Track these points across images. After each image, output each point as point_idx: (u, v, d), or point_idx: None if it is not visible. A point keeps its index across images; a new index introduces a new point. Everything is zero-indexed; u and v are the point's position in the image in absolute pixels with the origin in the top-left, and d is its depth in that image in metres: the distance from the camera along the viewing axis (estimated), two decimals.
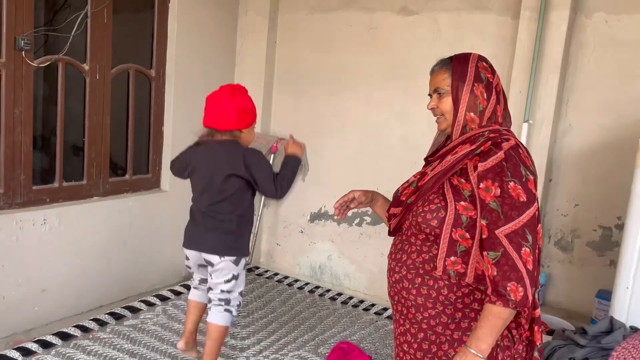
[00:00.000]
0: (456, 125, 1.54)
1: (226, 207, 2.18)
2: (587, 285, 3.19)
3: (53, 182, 3.16)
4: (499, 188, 1.42)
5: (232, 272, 2.21)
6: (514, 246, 1.38)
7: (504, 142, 1.47)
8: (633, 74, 3.03)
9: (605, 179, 3.16)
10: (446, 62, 1.59)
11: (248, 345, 2.58)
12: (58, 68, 3.07)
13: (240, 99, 2.18)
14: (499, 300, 1.38)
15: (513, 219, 1.40)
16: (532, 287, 1.39)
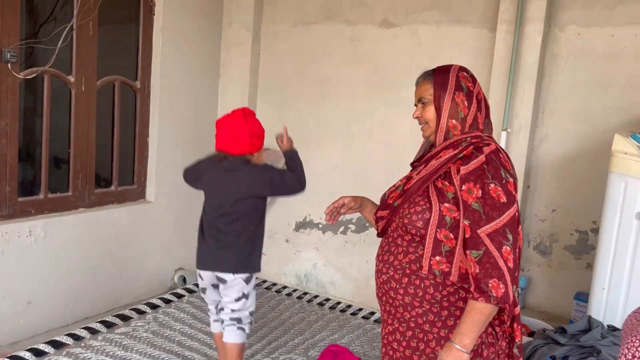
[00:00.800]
0: (439, 131, 1.63)
1: (241, 226, 2.26)
2: (565, 288, 3.29)
3: (38, 193, 3.16)
4: (481, 189, 1.49)
5: (243, 291, 2.25)
6: (495, 245, 1.46)
7: (485, 147, 1.55)
8: (605, 84, 3.16)
9: (580, 185, 3.27)
10: (429, 73, 1.70)
11: None
12: (44, 80, 3.09)
13: (252, 125, 2.29)
14: (481, 296, 1.44)
15: (494, 219, 1.47)
16: (512, 284, 1.46)
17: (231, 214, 2.24)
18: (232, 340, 2.25)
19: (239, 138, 2.24)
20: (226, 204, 2.25)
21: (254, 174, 2.27)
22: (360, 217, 3.89)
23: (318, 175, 4.02)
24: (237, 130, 2.24)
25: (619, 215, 2.48)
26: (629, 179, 2.45)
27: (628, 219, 2.46)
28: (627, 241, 2.46)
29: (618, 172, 2.48)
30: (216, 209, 2.28)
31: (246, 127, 2.26)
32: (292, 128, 4.10)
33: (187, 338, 2.66)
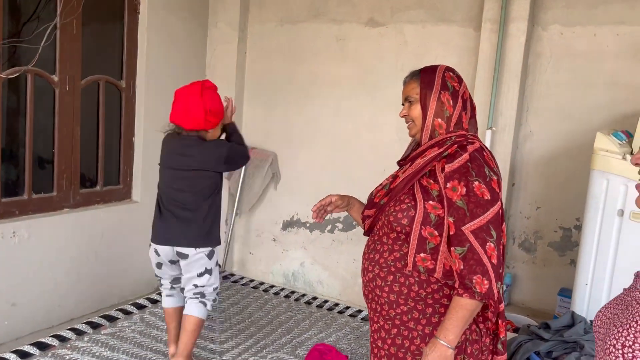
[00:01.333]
0: (425, 130, 1.65)
1: (197, 201, 2.26)
2: (549, 284, 3.33)
3: (22, 194, 3.13)
4: (465, 187, 1.52)
5: (205, 266, 2.25)
6: (479, 242, 1.48)
7: (469, 145, 1.58)
8: (587, 83, 3.20)
9: (564, 183, 3.31)
10: (416, 73, 1.72)
11: (227, 349, 2.62)
12: (27, 79, 3.06)
13: (208, 100, 2.22)
14: (465, 292, 1.46)
15: (478, 216, 1.49)
16: (496, 281, 1.48)
17: (187, 190, 2.25)
18: (193, 313, 2.24)
19: (193, 112, 2.20)
20: (181, 179, 2.25)
21: (208, 150, 2.25)
22: (347, 215, 3.91)
23: (305, 174, 4.03)
24: (191, 104, 2.20)
25: (601, 212, 2.52)
26: (610, 176, 2.48)
27: (610, 215, 2.50)
28: (609, 237, 2.50)
29: (600, 169, 2.52)
30: (172, 184, 2.29)
31: (201, 101, 2.19)
32: (279, 126, 4.13)
33: None
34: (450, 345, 1.47)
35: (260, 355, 2.57)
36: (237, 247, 4.36)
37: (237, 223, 4.25)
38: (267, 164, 4.07)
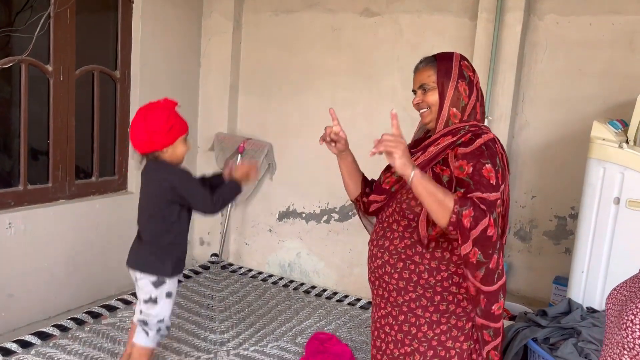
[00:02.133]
0: (440, 119, 1.66)
1: (152, 226, 2.17)
2: (544, 273, 3.36)
3: (17, 185, 3.10)
4: (472, 167, 1.53)
5: (150, 294, 2.14)
6: (484, 207, 1.48)
7: (483, 134, 1.59)
8: (582, 72, 3.22)
9: (559, 172, 3.34)
10: (430, 60, 1.70)
11: (228, 338, 2.63)
12: (21, 69, 3.02)
13: (151, 121, 2.09)
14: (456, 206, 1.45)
15: (482, 192, 1.50)
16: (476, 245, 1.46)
17: (144, 213, 2.19)
18: (137, 340, 2.17)
19: (137, 136, 2.11)
20: (141, 201, 2.21)
21: (158, 175, 2.12)
22: (343, 205, 3.92)
23: (300, 165, 4.03)
24: (134, 129, 2.12)
25: (598, 201, 2.54)
26: (607, 164, 2.51)
27: (606, 203, 2.52)
28: (605, 225, 2.53)
29: (596, 158, 2.54)
30: (139, 204, 2.26)
31: (144, 124, 2.09)
32: (274, 117, 4.12)
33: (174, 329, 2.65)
34: (413, 173, 1.46)
35: (261, 345, 2.58)
36: (233, 238, 4.36)
37: (232, 214, 4.25)
38: (262, 154, 4.06)
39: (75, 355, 2.34)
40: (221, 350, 2.48)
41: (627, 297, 1.14)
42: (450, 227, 1.47)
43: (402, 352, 1.66)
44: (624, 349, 1.07)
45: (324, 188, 3.95)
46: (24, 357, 2.26)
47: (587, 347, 2.25)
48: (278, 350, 2.54)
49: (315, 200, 4.03)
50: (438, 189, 1.48)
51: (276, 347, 2.57)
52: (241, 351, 2.52)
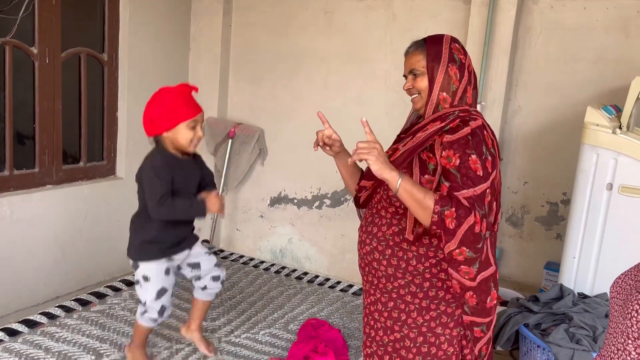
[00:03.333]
0: (429, 104, 1.62)
1: (139, 209, 2.18)
2: (536, 258, 3.37)
3: (3, 170, 3.04)
4: (459, 159, 1.50)
5: (135, 275, 2.20)
6: (470, 207, 1.47)
7: (472, 121, 1.55)
8: (576, 57, 3.20)
9: (552, 158, 3.33)
10: (420, 44, 1.65)
11: (219, 325, 2.60)
12: (5, 51, 2.95)
13: (156, 104, 2.07)
14: (438, 204, 1.45)
15: (469, 187, 1.48)
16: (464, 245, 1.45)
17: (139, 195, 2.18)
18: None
19: (143, 117, 2.10)
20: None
21: (143, 161, 2.10)
22: (335, 191, 3.90)
23: (292, 150, 3.99)
24: (144, 109, 2.11)
25: (590, 186, 2.53)
26: (600, 150, 2.49)
27: (599, 189, 2.51)
28: (597, 211, 2.52)
29: (590, 143, 2.53)
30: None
31: (149, 105, 2.08)
32: (266, 101, 4.07)
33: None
34: (396, 177, 1.46)
35: (253, 332, 2.56)
36: (224, 224, 4.33)
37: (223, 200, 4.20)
38: (253, 140, 4.02)
39: (64, 342, 2.30)
40: (213, 338, 2.45)
41: (632, 287, 1.13)
42: (434, 227, 1.47)
43: (392, 338, 1.65)
44: (628, 338, 1.07)
45: (315, 174, 3.92)
46: (12, 345, 2.22)
47: (579, 332, 2.25)
48: (270, 338, 2.52)
49: (307, 186, 4.01)
50: (418, 189, 1.47)
51: (268, 334, 2.55)
52: (233, 338, 2.50)
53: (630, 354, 1.07)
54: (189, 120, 2.03)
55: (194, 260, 2.28)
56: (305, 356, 2.28)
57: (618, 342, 1.10)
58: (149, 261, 2.16)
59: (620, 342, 1.09)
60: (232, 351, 2.38)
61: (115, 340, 2.37)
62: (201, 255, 2.30)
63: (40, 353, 2.20)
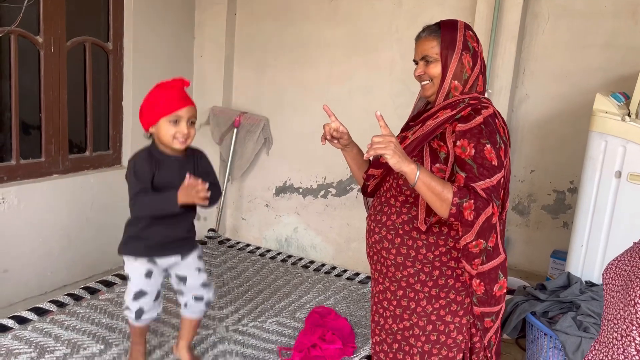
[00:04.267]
0: (441, 91, 1.60)
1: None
2: (542, 247, 3.36)
3: (10, 159, 3.05)
4: (474, 149, 1.48)
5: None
6: (487, 198, 1.46)
7: (483, 109, 1.54)
8: (585, 44, 3.16)
9: (559, 146, 3.31)
10: (434, 29, 1.63)
11: (226, 314, 2.62)
12: (10, 41, 2.94)
13: (144, 99, 2.07)
14: (457, 197, 1.43)
15: (485, 178, 1.47)
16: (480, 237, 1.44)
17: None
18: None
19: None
20: None
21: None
22: (340, 180, 3.89)
23: (297, 139, 3.98)
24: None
25: (599, 174, 2.51)
26: (608, 137, 2.47)
27: (607, 177, 2.50)
28: (605, 199, 2.51)
29: (598, 131, 2.50)
30: None
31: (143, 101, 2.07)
32: (271, 90, 4.05)
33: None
34: (414, 169, 1.43)
35: (260, 320, 2.57)
36: (229, 213, 4.33)
37: (229, 189, 4.21)
38: (258, 129, 4.01)
39: (74, 330, 2.32)
40: (220, 326, 2.47)
41: (629, 272, 1.11)
42: (452, 219, 1.46)
43: (401, 326, 1.65)
44: (632, 324, 1.06)
45: (321, 163, 3.91)
46: (22, 333, 2.24)
47: (586, 320, 2.25)
48: (277, 326, 2.54)
49: (312, 175, 4.00)
50: (436, 181, 1.45)
51: (275, 322, 2.57)
52: (240, 327, 2.51)
53: (634, 339, 1.06)
54: (169, 115, 1.96)
55: (182, 272, 2.17)
56: (313, 344, 2.28)
57: (620, 328, 1.09)
58: (129, 257, 2.11)
59: (622, 328, 1.09)
60: (240, 340, 2.39)
61: (124, 329, 2.38)
62: (191, 269, 2.18)
63: (50, 341, 2.22)
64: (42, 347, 2.18)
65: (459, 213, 1.43)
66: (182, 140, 1.99)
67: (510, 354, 2.88)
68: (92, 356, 2.19)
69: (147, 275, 2.11)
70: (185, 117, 1.99)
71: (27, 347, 2.17)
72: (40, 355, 2.14)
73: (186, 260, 2.15)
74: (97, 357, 2.19)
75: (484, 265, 1.51)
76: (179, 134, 1.98)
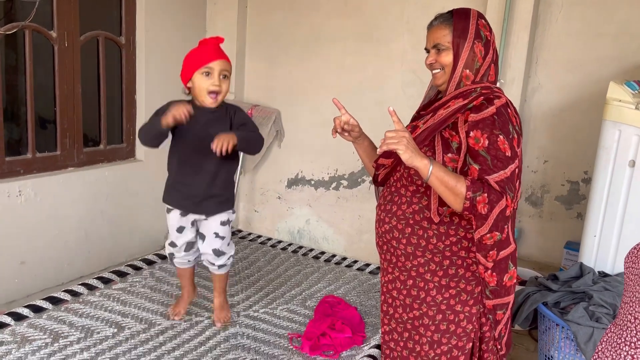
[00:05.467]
0: (452, 80, 1.59)
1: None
2: (556, 238, 3.34)
3: (26, 153, 3.10)
4: (487, 140, 1.48)
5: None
6: (501, 190, 1.45)
7: (495, 99, 1.53)
8: (598, 32, 3.12)
9: (572, 136, 3.28)
10: (446, 17, 1.62)
11: (238, 301, 2.65)
12: (25, 36, 2.98)
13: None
14: (471, 191, 1.44)
15: (500, 170, 1.46)
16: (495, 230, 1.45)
17: None
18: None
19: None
20: None
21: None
22: (352, 172, 3.89)
23: (309, 131, 3.98)
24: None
25: (612, 163, 2.49)
26: (622, 126, 2.45)
27: (621, 166, 2.47)
28: (619, 189, 2.48)
29: (612, 120, 2.48)
30: None
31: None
32: (282, 82, 4.06)
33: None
34: (424, 164, 1.45)
35: (271, 307, 2.61)
36: (242, 205, 4.36)
37: (241, 181, 4.24)
38: (270, 121, 4.02)
39: (87, 317, 2.37)
40: (232, 312, 2.50)
41: None
42: (466, 212, 1.46)
43: (411, 316, 1.66)
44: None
45: (332, 155, 3.91)
46: (36, 321, 2.29)
47: (598, 310, 2.23)
48: (288, 313, 2.57)
49: (324, 167, 4.01)
50: (449, 176, 1.46)
51: (286, 309, 2.60)
52: (251, 312, 2.55)
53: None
54: (202, 67, 2.02)
55: (203, 231, 2.28)
56: (323, 333, 2.30)
57: (635, 311, 1.09)
58: (167, 205, 2.25)
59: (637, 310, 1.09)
60: (251, 324, 2.43)
61: (136, 314, 2.42)
62: (209, 231, 2.26)
63: (64, 328, 2.27)
64: (56, 333, 2.23)
65: (472, 207, 1.43)
66: (214, 96, 2.06)
67: (522, 345, 2.87)
68: (106, 338, 2.25)
69: (178, 230, 2.25)
70: (217, 70, 2.04)
71: (42, 334, 2.22)
72: (54, 340, 2.18)
73: (209, 220, 2.24)
74: (110, 339, 2.25)
75: (498, 256, 1.51)
76: (212, 86, 2.04)
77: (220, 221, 2.26)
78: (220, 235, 2.27)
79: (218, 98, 2.08)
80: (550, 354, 2.41)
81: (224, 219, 2.27)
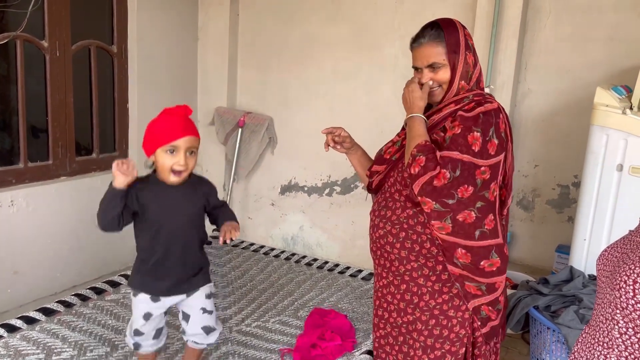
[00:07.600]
0: (450, 93, 1.63)
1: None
2: (547, 241, 3.36)
3: (18, 163, 3.10)
4: (460, 129, 1.52)
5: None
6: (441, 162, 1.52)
7: (487, 104, 1.57)
8: (586, 38, 3.16)
9: (562, 140, 3.31)
10: (434, 34, 1.61)
11: (230, 315, 2.64)
12: (16, 46, 2.99)
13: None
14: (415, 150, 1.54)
15: (452, 150, 1.51)
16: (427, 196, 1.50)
17: None
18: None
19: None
20: None
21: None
22: (345, 178, 3.91)
23: (302, 137, 4.00)
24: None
25: (600, 168, 2.52)
26: (610, 131, 2.48)
27: (609, 170, 2.50)
28: (607, 192, 2.51)
29: (599, 124, 2.51)
30: None
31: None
32: (274, 89, 4.08)
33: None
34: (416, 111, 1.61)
35: (263, 320, 2.59)
36: (235, 212, 4.33)
37: (234, 188, 4.25)
38: (263, 128, 4.04)
39: (80, 332, 2.35)
40: (224, 328, 2.49)
41: (619, 259, 1.14)
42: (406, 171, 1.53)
43: (405, 320, 1.67)
44: (616, 308, 1.08)
45: (325, 161, 3.93)
46: (29, 333, 2.28)
47: (589, 314, 2.26)
48: (280, 325, 2.56)
49: (317, 174, 4.02)
50: (417, 131, 1.56)
51: (278, 321, 2.59)
52: (243, 327, 2.53)
53: (618, 323, 1.09)
54: (166, 145, 1.82)
55: (186, 310, 2.04)
56: (313, 344, 2.30)
57: (606, 312, 1.12)
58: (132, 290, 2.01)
59: (608, 312, 1.11)
60: (243, 341, 2.41)
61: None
62: (194, 309, 2.03)
63: (58, 343, 2.25)
64: (49, 348, 2.22)
65: (409, 165, 1.52)
66: (180, 173, 1.87)
67: (515, 348, 2.88)
68: (99, 358, 2.22)
69: (145, 317, 1.98)
70: (183, 147, 1.83)
71: (35, 348, 2.20)
72: (47, 356, 2.17)
73: (192, 297, 2.02)
74: (103, 359, 2.22)
75: (478, 242, 1.52)
76: (177, 166, 1.84)
77: (204, 294, 2.04)
78: (208, 310, 2.05)
79: (182, 175, 1.88)
80: (542, 357, 2.43)
81: (208, 292, 2.06)
